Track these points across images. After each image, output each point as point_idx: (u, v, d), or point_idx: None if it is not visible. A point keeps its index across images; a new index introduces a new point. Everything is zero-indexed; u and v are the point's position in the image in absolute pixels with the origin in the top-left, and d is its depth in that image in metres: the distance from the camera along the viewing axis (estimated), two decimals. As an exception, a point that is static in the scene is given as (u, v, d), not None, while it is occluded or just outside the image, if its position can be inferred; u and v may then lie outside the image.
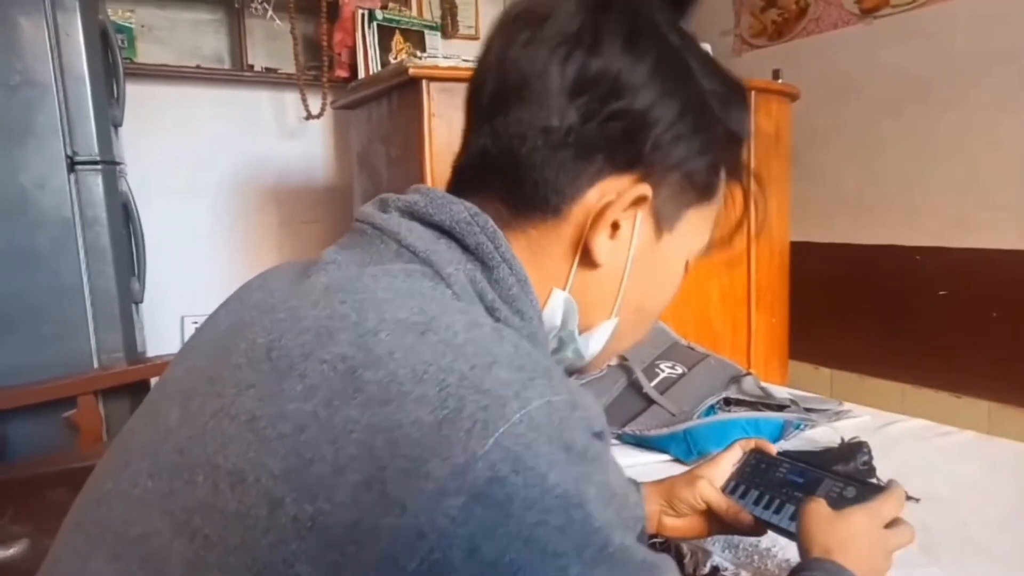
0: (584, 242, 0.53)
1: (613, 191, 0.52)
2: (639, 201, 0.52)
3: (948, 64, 2.41)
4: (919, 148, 2.52)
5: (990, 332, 2.33)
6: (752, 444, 0.82)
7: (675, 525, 0.79)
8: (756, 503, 0.75)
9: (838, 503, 0.69)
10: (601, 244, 0.53)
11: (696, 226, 0.58)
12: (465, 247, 0.51)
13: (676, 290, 0.61)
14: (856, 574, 0.61)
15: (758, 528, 0.74)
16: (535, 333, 0.52)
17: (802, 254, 2.54)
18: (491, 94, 0.53)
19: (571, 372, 0.63)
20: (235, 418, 0.42)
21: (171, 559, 0.40)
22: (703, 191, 0.56)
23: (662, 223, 0.55)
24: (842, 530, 0.64)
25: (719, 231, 0.62)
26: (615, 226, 0.53)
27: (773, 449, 0.81)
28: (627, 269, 0.55)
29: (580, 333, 0.57)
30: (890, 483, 0.70)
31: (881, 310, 2.66)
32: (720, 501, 0.76)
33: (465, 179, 0.55)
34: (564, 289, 0.54)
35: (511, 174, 0.52)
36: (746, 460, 0.81)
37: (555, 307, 0.55)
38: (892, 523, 0.67)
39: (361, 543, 0.36)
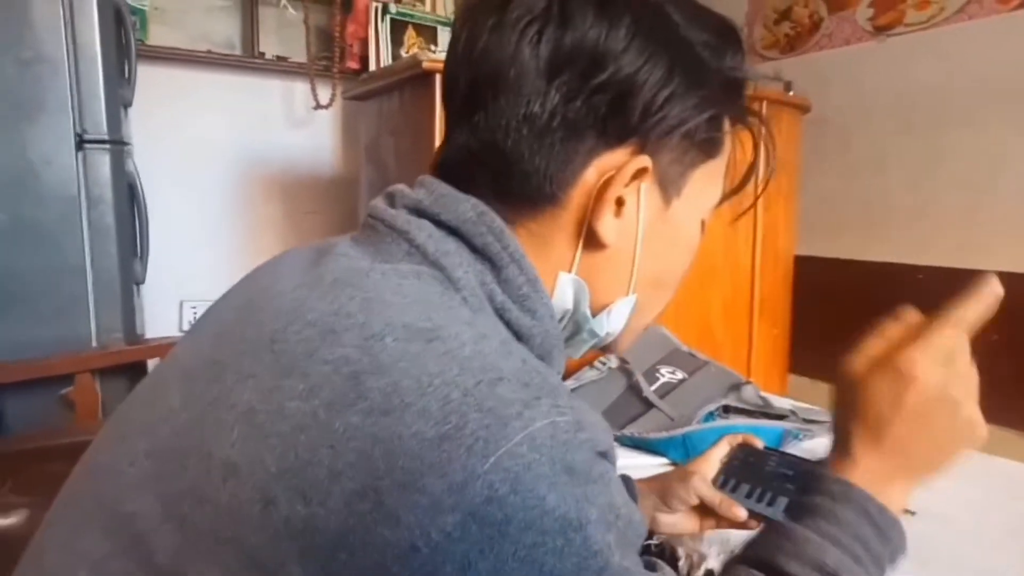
0: (588, 225, 0.51)
1: (611, 167, 0.50)
2: (640, 174, 0.50)
3: (960, 84, 2.41)
4: (928, 167, 2.52)
5: (990, 354, 2.32)
6: (740, 439, 0.83)
7: (668, 521, 0.79)
8: (748, 496, 0.75)
9: None
10: (607, 224, 0.51)
11: (706, 184, 0.56)
12: (473, 247, 0.49)
13: (695, 253, 0.59)
14: (891, 505, 0.54)
15: (751, 522, 0.74)
16: (547, 332, 0.51)
17: (806, 268, 2.53)
18: (465, 89, 0.51)
19: (599, 351, 0.61)
20: (233, 407, 0.41)
21: (159, 542, 0.40)
22: (707, 148, 0.54)
23: (669, 190, 0.53)
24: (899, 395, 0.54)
25: (730, 180, 0.58)
26: (619, 203, 0.51)
27: (760, 444, 0.82)
28: (638, 244, 0.53)
29: (595, 314, 0.56)
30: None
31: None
32: (713, 495, 0.76)
33: (451, 177, 0.52)
34: (570, 272, 0.53)
35: (499, 170, 0.50)
36: (734, 455, 0.81)
37: (564, 291, 0.53)
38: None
39: (353, 550, 0.36)
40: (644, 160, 0.50)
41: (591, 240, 0.52)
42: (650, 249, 0.53)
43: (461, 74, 0.51)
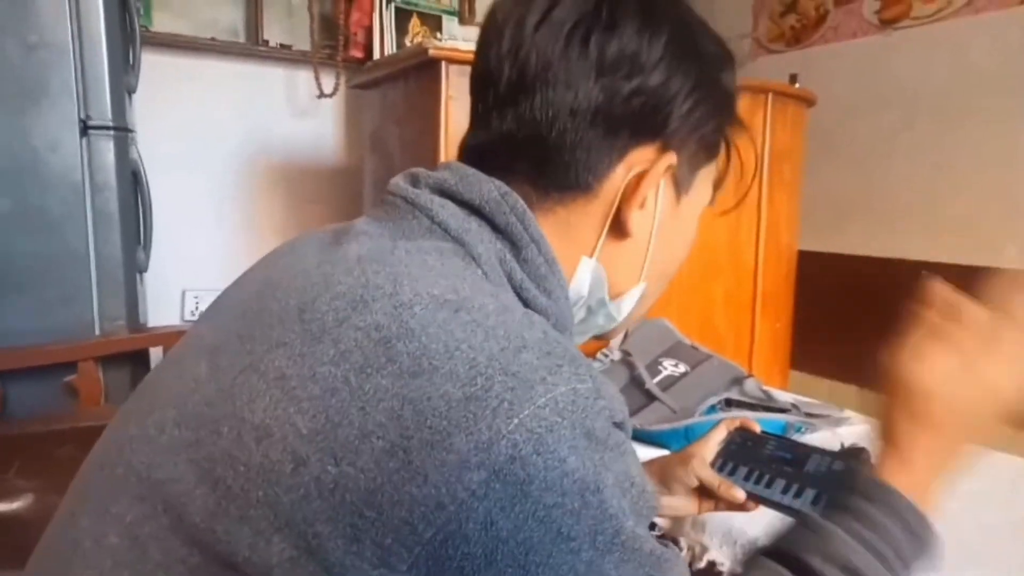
0: (616, 215, 0.54)
1: (639, 163, 0.53)
2: (667, 170, 0.54)
3: (967, 78, 2.40)
4: (933, 162, 2.51)
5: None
6: (737, 423, 0.84)
7: (668, 503, 0.80)
8: (747, 479, 0.76)
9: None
10: (634, 215, 0.54)
11: (704, 185, 0.60)
12: (495, 226, 0.52)
13: (691, 249, 0.63)
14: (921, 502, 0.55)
15: (749, 504, 0.75)
16: (562, 312, 0.54)
17: (809, 263, 2.53)
18: (511, 79, 0.53)
19: (599, 337, 0.64)
20: (264, 375, 0.42)
21: (193, 505, 0.41)
22: (711, 152, 0.59)
23: (680, 187, 0.57)
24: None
25: (716, 183, 0.63)
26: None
27: (758, 427, 0.83)
28: (653, 235, 0.56)
29: (611, 300, 0.59)
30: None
31: (884, 324, 2.65)
32: (712, 477, 0.78)
33: (484, 161, 0.55)
34: (592, 258, 0.56)
35: (540, 156, 0.53)
36: (732, 438, 0.82)
37: (583, 277, 0.56)
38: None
39: (381, 508, 0.37)
40: (672, 158, 0.54)
41: (615, 229, 0.55)
42: (662, 240, 0.57)
43: (506, 64, 0.53)
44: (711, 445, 0.82)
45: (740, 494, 0.75)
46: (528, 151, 0.53)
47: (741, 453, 0.79)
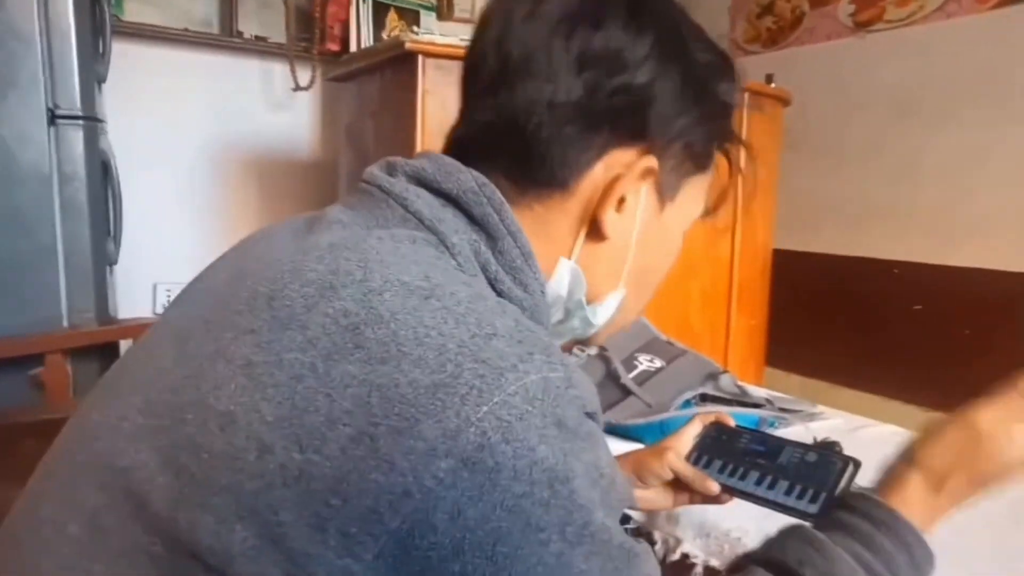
0: (592, 215, 0.53)
1: (619, 164, 0.53)
2: (646, 174, 0.53)
3: (940, 81, 2.44)
4: (907, 163, 2.54)
5: (962, 349, 2.36)
6: (712, 418, 0.84)
7: (643, 496, 0.80)
8: (721, 471, 0.76)
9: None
10: (610, 217, 0.53)
11: (693, 196, 0.59)
12: (471, 217, 0.51)
13: (675, 259, 0.63)
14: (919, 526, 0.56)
15: (723, 496, 0.75)
16: (537, 306, 0.53)
17: (784, 261, 2.55)
18: (493, 69, 0.53)
19: (578, 342, 0.63)
20: (231, 361, 0.42)
21: (155, 493, 0.40)
22: (700, 162, 0.58)
23: (664, 194, 0.56)
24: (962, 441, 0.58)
25: (711, 199, 0.63)
26: (621, 199, 0.53)
27: (732, 422, 0.83)
28: (633, 241, 0.56)
29: (588, 303, 0.58)
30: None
31: (857, 322, 2.69)
32: (687, 470, 0.77)
33: (466, 153, 0.54)
34: (570, 259, 0.55)
35: (517, 149, 0.52)
36: (707, 432, 0.82)
37: (561, 277, 0.55)
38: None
39: (346, 496, 0.36)
40: (652, 161, 0.53)
41: (592, 231, 0.54)
42: (642, 246, 0.57)
43: (490, 54, 0.53)
44: (686, 439, 0.82)
45: (715, 486, 0.75)
46: (506, 143, 0.52)
47: (716, 447, 0.80)
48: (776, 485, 0.70)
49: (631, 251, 0.56)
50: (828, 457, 0.71)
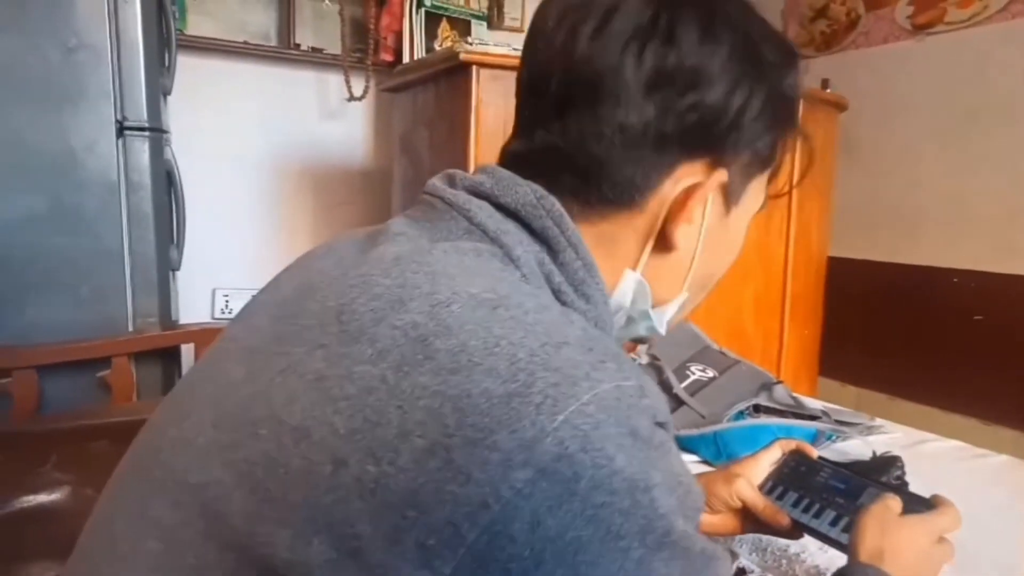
0: (661, 230, 0.53)
1: (688, 178, 0.52)
2: (719, 187, 0.53)
3: (1001, 85, 2.37)
4: (965, 169, 2.48)
5: (1023, 361, 2.29)
6: (793, 445, 0.81)
7: (709, 521, 0.78)
8: (795, 505, 0.73)
9: None
10: (680, 230, 0.53)
11: (757, 192, 0.59)
12: (531, 230, 0.51)
13: (738, 255, 0.62)
14: None
15: (794, 531, 0.73)
16: (601, 317, 0.53)
17: (839, 269, 2.51)
18: (559, 89, 0.51)
19: (637, 340, 0.63)
20: (302, 376, 0.42)
21: (231, 508, 0.40)
22: (766, 162, 0.57)
23: (730, 199, 0.55)
24: (898, 536, 0.64)
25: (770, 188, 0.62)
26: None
27: (814, 452, 0.80)
28: (698, 248, 0.55)
29: (653, 310, 0.57)
30: (935, 497, 0.69)
31: (914, 331, 2.63)
32: (757, 500, 0.75)
33: (525, 168, 0.53)
34: (636, 271, 0.55)
35: (583, 171, 0.51)
36: (785, 461, 0.79)
37: (626, 289, 0.55)
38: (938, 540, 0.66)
39: (423, 508, 0.36)
40: (723, 175, 0.52)
41: (660, 242, 0.53)
42: (708, 251, 0.56)
43: (556, 75, 0.52)
44: (760, 465, 0.79)
45: (786, 519, 0.72)
46: (573, 165, 0.52)
47: (793, 478, 0.76)
48: (852, 529, 0.67)
49: (697, 259, 0.55)
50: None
